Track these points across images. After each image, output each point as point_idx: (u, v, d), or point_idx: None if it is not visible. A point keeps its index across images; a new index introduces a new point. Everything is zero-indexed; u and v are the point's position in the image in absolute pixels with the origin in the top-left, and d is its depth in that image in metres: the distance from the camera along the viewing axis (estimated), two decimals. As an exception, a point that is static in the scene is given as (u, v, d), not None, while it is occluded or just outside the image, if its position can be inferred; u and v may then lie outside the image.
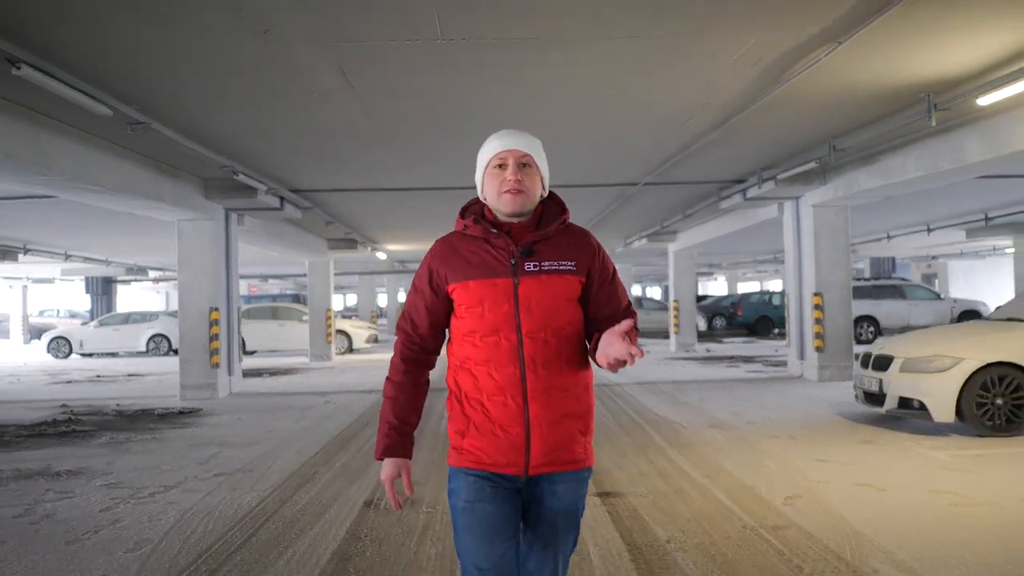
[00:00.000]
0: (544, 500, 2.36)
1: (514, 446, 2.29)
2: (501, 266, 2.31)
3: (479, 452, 2.32)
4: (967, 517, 5.10)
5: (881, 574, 4.10)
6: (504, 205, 2.34)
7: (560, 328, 2.31)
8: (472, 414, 2.33)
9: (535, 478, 2.33)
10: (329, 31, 5.46)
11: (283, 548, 4.78)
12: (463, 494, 2.33)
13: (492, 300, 2.29)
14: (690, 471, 6.57)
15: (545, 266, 2.32)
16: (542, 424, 2.28)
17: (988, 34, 5.91)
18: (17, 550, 4.84)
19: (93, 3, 4.86)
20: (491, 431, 2.30)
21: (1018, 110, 7.56)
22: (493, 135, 2.42)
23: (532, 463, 2.30)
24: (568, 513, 2.38)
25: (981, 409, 7.68)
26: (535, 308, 2.29)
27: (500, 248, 2.33)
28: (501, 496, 2.32)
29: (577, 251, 2.37)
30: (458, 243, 2.39)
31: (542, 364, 2.28)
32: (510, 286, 2.29)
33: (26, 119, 6.86)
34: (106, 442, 8.61)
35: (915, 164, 9.42)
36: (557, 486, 2.35)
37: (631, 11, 5.27)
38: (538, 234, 2.35)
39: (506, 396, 2.28)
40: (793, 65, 6.32)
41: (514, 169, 2.33)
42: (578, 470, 2.37)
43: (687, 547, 4.60)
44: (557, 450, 2.31)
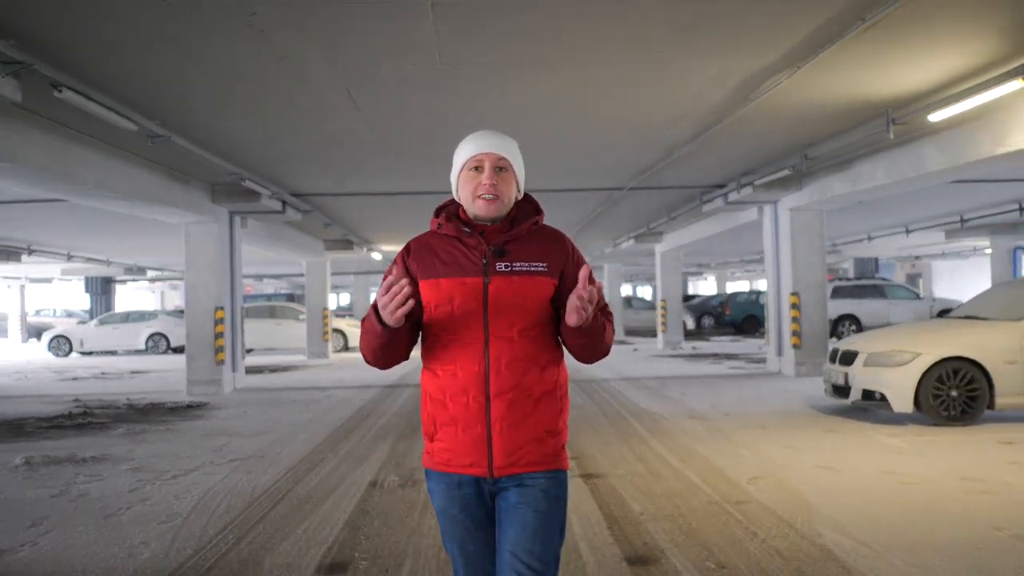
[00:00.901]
0: (511, 496, 2.32)
1: (476, 446, 2.27)
2: (472, 265, 2.30)
3: (446, 453, 2.32)
4: (909, 493, 5.73)
5: (825, 538, 4.71)
6: (478, 210, 2.34)
7: (527, 329, 2.30)
8: (437, 415, 2.33)
9: (503, 480, 2.31)
10: (340, 57, 6.05)
11: (299, 520, 5.37)
12: (436, 499, 2.38)
13: (462, 298, 2.28)
14: (666, 456, 7.19)
15: (516, 266, 2.30)
16: (503, 424, 2.27)
17: (936, 60, 6.54)
18: (61, 523, 5.41)
19: (127, 33, 5.43)
20: (454, 432, 2.30)
21: (970, 124, 8.21)
22: (470, 136, 2.40)
23: (496, 464, 2.28)
24: (541, 514, 2.29)
25: (937, 400, 8.32)
26: (504, 308, 2.28)
27: (472, 247, 2.32)
28: (472, 503, 2.33)
29: (550, 252, 2.36)
30: (432, 241, 2.39)
31: (506, 364, 2.27)
32: (480, 285, 2.28)
33: (58, 134, 7.45)
34: (123, 433, 9.18)
35: (883, 171, 10.07)
36: (526, 487, 2.30)
37: (610, 40, 5.87)
38: (510, 234, 2.35)
39: (468, 396, 2.27)
40: (759, 85, 6.95)
41: (490, 173, 2.32)
42: (548, 470, 2.32)
43: (658, 518, 5.21)
44: (521, 450, 2.29)
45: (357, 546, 4.78)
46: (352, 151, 9.67)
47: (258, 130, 8.50)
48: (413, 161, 10.34)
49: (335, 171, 11.23)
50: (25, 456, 7.65)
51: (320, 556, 4.61)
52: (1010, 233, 21.54)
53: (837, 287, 24.05)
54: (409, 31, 5.55)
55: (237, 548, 4.79)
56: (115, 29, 5.32)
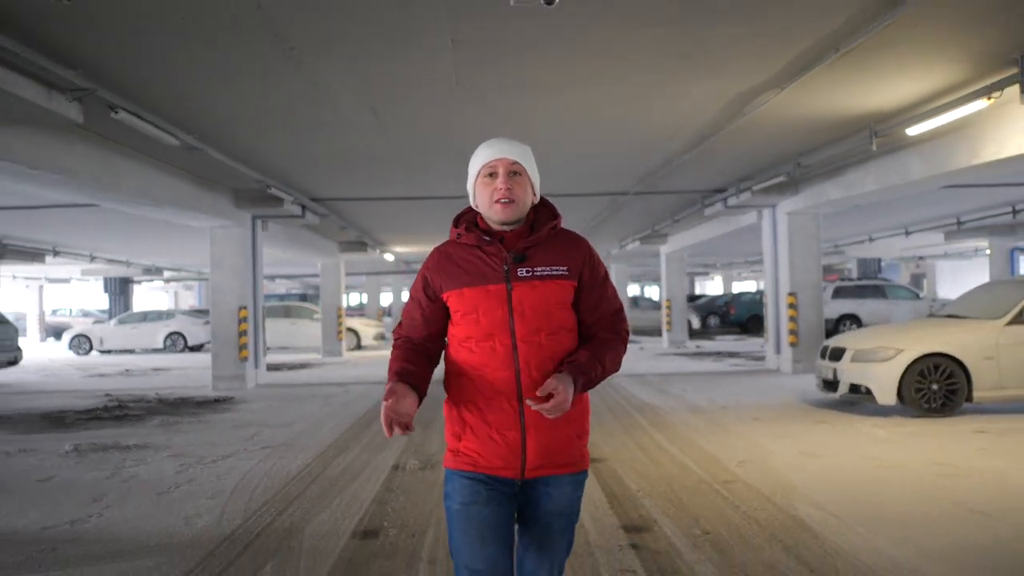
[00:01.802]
0: (539, 503, 2.38)
1: (510, 449, 2.32)
2: (494, 273, 2.34)
3: (475, 455, 2.35)
4: (883, 475, 6.33)
5: (799, 511, 5.32)
6: (495, 214, 2.37)
7: (554, 332, 2.34)
8: (468, 417, 2.36)
9: (531, 481, 2.37)
10: (367, 83, 6.70)
11: (332, 496, 6.00)
12: (458, 496, 2.36)
13: (487, 306, 2.33)
14: (664, 444, 7.80)
15: (538, 271, 2.34)
16: (538, 427, 2.31)
17: (907, 81, 7.15)
18: (120, 499, 6.06)
19: (177, 63, 6.07)
20: (487, 434, 2.33)
21: (949, 136, 8.80)
22: (483, 144, 2.45)
23: (528, 466, 2.33)
24: (563, 515, 2.41)
25: (919, 393, 8.90)
26: (528, 312, 2.32)
27: (493, 255, 2.36)
28: (496, 499, 2.35)
29: (569, 256, 2.40)
30: (452, 251, 2.43)
31: (536, 367, 2.30)
32: (503, 292, 2.32)
33: (104, 148, 8.13)
34: (159, 424, 9.84)
35: (872, 179, 10.66)
36: (552, 489, 2.38)
37: (612, 65, 6.49)
38: (530, 240, 2.38)
39: (502, 400, 2.32)
40: (749, 102, 7.56)
41: (504, 178, 2.36)
42: (574, 473, 2.40)
43: (653, 495, 5.83)
44: (553, 453, 2.34)
45: (385, 517, 5.41)
46: (370, 160, 10.32)
47: (285, 143, 9.16)
48: (427, 168, 10.99)
49: (353, 178, 11.88)
50: (73, 443, 8.33)
51: (353, 525, 5.24)
52: (1008, 234, 22.03)
53: (839, 287, 24.56)
54: (431, 61, 6.17)
55: (280, 519, 5.43)
56: (167, 59, 5.97)
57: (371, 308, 34.19)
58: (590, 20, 5.25)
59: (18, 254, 20.72)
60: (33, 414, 10.89)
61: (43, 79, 5.67)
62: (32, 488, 6.53)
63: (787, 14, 5.27)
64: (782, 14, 5.26)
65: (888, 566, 4.22)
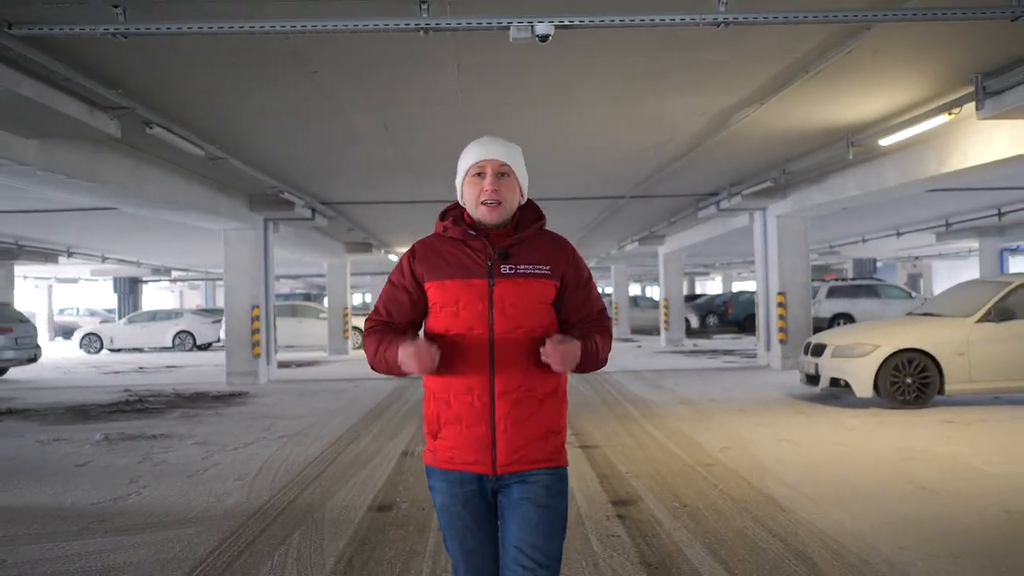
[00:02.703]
0: (513, 493, 2.36)
1: (480, 444, 2.32)
2: (477, 267, 2.35)
3: (449, 451, 2.36)
4: (852, 459, 6.92)
5: (771, 489, 5.91)
6: (482, 216, 2.39)
7: (531, 330, 2.34)
8: (441, 413, 2.37)
9: (505, 478, 2.35)
10: (379, 99, 7.31)
11: (348, 478, 6.60)
12: (438, 496, 2.41)
13: (467, 300, 2.34)
14: (653, 432, 8.40)
15: (521, 269, 2.36)
16: (507, 422, 2.31)
17: (872, 99, 7.77)
18: (154, 481, 6.66)
19: (208, 84, 6.67)
20: (458, 430, 2.34)
21: (920, 147, 9.41)
22: (473, 142, 2.47)
23: (499, 461, 2.33)
24: (540, 507, 2.35)
25: (894, 386, 9.49)
26: (509, 309, 2.33)
27: (477, 250, 2.37)
28: (474, 499, 2.37)
29: (552, 257, 2.42)
30: (437, 244, 2.44)
31: (511, 364, 2.31)
32: (485, 287, 2.33)
33: (133, 158, 8.74)
34: (179, 416, 10.44)
35: (853, 184, 11.26)
36: (528, 484, 2.36)
37: (604, 84, 7.08)
38: (515, 238, 2.40)
39: (472, 395, 2.32)
40: (731, 117, 8.16)
41: (492, 179, 2.37)
42: (549, 467, 2.38)
43: (640, 476, 6.42)
44: (524, 448, 2.34)
45: (397, 494, 6.01)
46: (379, 167, 10.92)
47: (301, 152, 9.76)
48: (430, 175, 11.59)
49: (362, 183, 12.48)
50: (103, 433, 8.93)
51: (369, 501, 5.84)
52: (997, 235, 22.60)
53: (833, 287, 25.11)
54: (438, 83, 6.78)
55: (302, 496, 6.03)
56: (201, 82, 6.59)
57: (375, 307, 34.79)
58: (580, 50, 5.83)
59: (33, 255, 21.35)
60: (58, 408, 11.49)
61: (87, 98, 6.27)
62: (72, 472, 7.13)
63: (758, 42, 5.86)
64: (753, 43, 5.85)
65: (842, 533, 4.80)
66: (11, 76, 5.24)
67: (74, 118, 6.11)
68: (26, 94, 5.40)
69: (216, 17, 4.73)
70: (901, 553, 4.42)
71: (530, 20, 4.64)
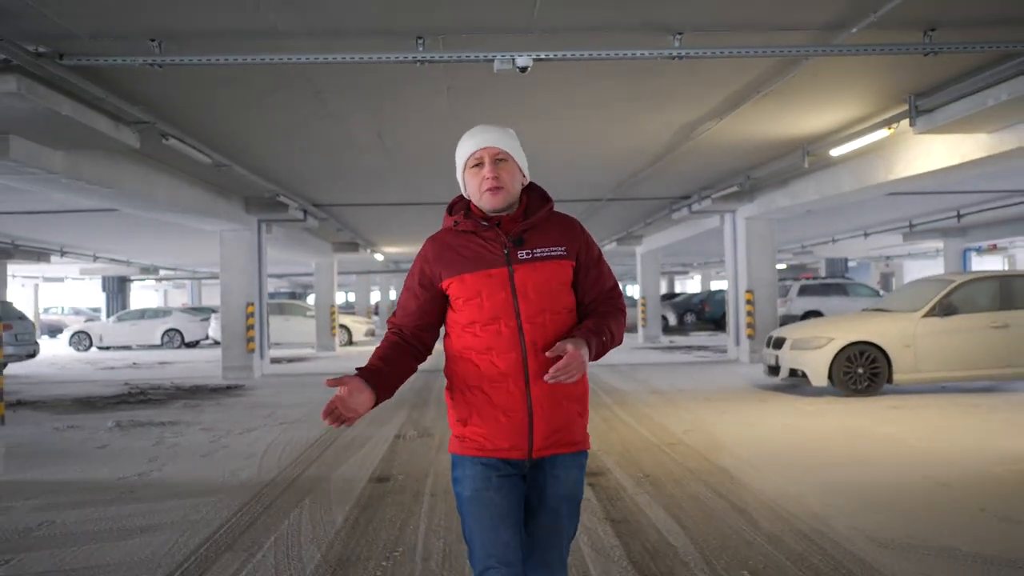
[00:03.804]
0: (547, 487, 2.40)
1: (518, 430, 2.33)
2: (494, 257, 2.35)
3: (482, 439, 2.36)
4: (800, 438, 7.72)
5: (725, 461, 6.70)
6: (486, 203, 2.40)
7: (557, 312, 2.37)
8: (474, 401, 2.37)
9: (538, 462, 2.39)
10: (376, 113, 8.04)
11: (347, 456, 7.33)
12: (468, 483, 2.38)
13: (489, 290, 2.34)
14: (624, 417, 9.18)
15: (537, 252, 2.37)
16: (544, 407, 2.33)
17: (827, 112, 8.58)
18: (171, 460, 7.36)
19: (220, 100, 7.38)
20: (494, 417, 2.34)
21: (870, 156, 10.26)
22: (467, 133, 2.50)
23: (536, 446, 2.35)
24: (569, 499, 2.43)
25: (847, 376, 10.32)
26: (532, 294, 2.34)
27: (491, 240, 2.38)
28: (506, 485, 2.36)
29: (565, 237, 2.43)
30: (449, 239, 2.44)
31: (542, 348, 2.32)
32: (505, 275, 2.34)
33: (144, 164, 9.43)
34: (182, 406, 11.11)
35: (813, 189, 12.11)
36: (559, 471, 2.40)
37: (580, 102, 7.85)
38: (527, 223, 2.40)
39: (508, 382, 2.32)
40: (695, 130, 8.96)
41: (491, 167, 2.39)
42: (577, 452, 2.43)
43: (610, 453, 7.19)
44: (558, 431, 2.37)
45: (393, 469, 6.75)
46: (371, 172, 11.64)
47: (299, 159, 10.48)
48: (419, 179, 12.33)
49: (354, 186, 13.20)
50: (115, 421, 9.60)
51: (368, 474, 6.57)
52: (960, 236, 23.57)
53: (804, 286, 26.06)
54: (430, 100, 7.53)
55: (308, 471, 6.75)
56: (216, 100, 7.30)
57: (361, 306, 35.45)
58: (557, 75, 6.58)
59: (27, 254, 21.86)
60: (65, 400, 12.12)
61: (113, 114, 6.96)
62: (94, 453, 7.81)
63: (711, 70, 6.65)
64: (708, 70, 6.63)
65: (780, 495, 5.58)
66: (53, 97, 5.92)
67: (102, 132, 6.79)
68: (65, 113, 6.10)
69: (241, 50, 5.45)
70: (827, 509, 5.21)
71: (512, 54, 5.39)
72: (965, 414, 8.89)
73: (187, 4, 4.98)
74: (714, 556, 4.36)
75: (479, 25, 5.43)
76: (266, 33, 5.41)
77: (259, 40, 5.52)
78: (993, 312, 10.47)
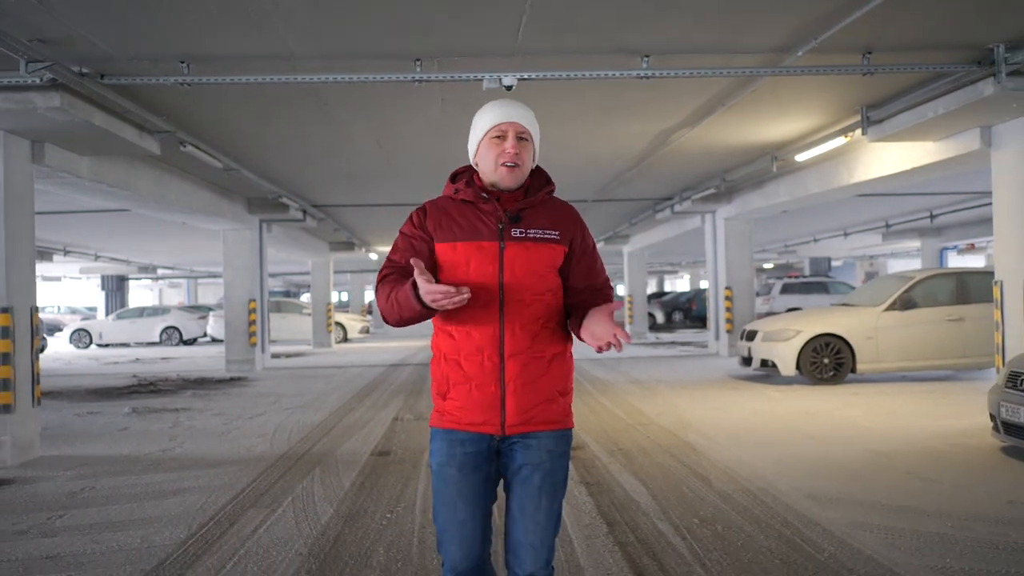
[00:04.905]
0: (518, 456, 2.39)
1: (490, 404, 2.34)
2: (488, 230, 2.37)
3: (458, 411, 2.38)
4: (764, 420, 8.47)
5: (691, 438, 7.44)
6: (500, 178, 2.39)
7: (541, 294, 2.37)
8: (451, 374, 2.39)
9: (512, 438, 2.38)
10: (375, 122, 8.77)
11: (351, 435, 8.05)
12: (435, 456, 2.42)
13: (478, 262, 2.35)
14: (605, 403, 9.92)
15: (531, 233, 2.37)
16: (518, 382, 2.34)
17: (789, 122, 9.34)
18: (189, 440, 8.06)
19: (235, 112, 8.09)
20: (467, 390, 2.36)
21: (834, 160, 11.05)
22: (493, 103, 2.48)
23: (508, 422, 2.35)
24: (546, 474, 2.39)
25: (813, 366, 11.09)
26: (519, 271, 2.34)
27: (488, 213, 2.38)
28: (470, 462, 2.38)
29: (561, 222, 2.44)
30: (447, 206, 2.44)
31: (520, 326, 2.34)
32: (496, 249, 2.34)
33: (158, 168, 10.14)
34: (192, 395, 11.81)
35: (784, 191, 12.89)
36: (531, 440, 2.38)
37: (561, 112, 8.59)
38: (526, 202, 2.41)
39: (483, 355, 2.34)
40: (669, 137, 9.71)
41: (513, 142, 2.38)
42: (555, 430, 2.41)
43: (589, 431, 7.93)
44: (533, 409, 2.36)
45: (393, 445, 7.48)
46: (369, 175, 12.37)
47: (302, 163, 11.20)
48: (415, 180, 13.05)
49: (352, 188, 13.92)
50: (131, 407, 10.31)
51: (370, 449, 7.30)
52: (936, 235, 24.43)
53: (786, 284, 26.89)
54: (425, 110, 8.26)
55: (315, 447, 7.47)
56: (232, 112, 8.02)
57: (355, 304, 36.18)
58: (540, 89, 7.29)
59: (32, 253, 22.41)
60: (79, 390, 12.80)
61: (138, 124, 7.67)
62: (116, 434, 8.51)
63: (677, 86, 7.38)
64: (674, 86, 7.37)
65: (737, 464, 6.32)
66: (88, 110, 6.63)
67: (128, 140, 7.50)
68: (97, 123, 6.80)
69: (261, 71, 6.19)
70: (775, 475, 5.96)
71: (499, 74, 6.13)
72: (919, 399, 9.66)
73: (215, 31, 5.69)
74: (670, 508, 5.11)
75: (470, 49, 6.17)
76: (282, 56, 6.13)
77: (276, 62, 6.24)
78: (950, 306, 11.25)
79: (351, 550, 4.40)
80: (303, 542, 4.57)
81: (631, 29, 5.89)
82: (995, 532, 4.48)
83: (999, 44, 6.26)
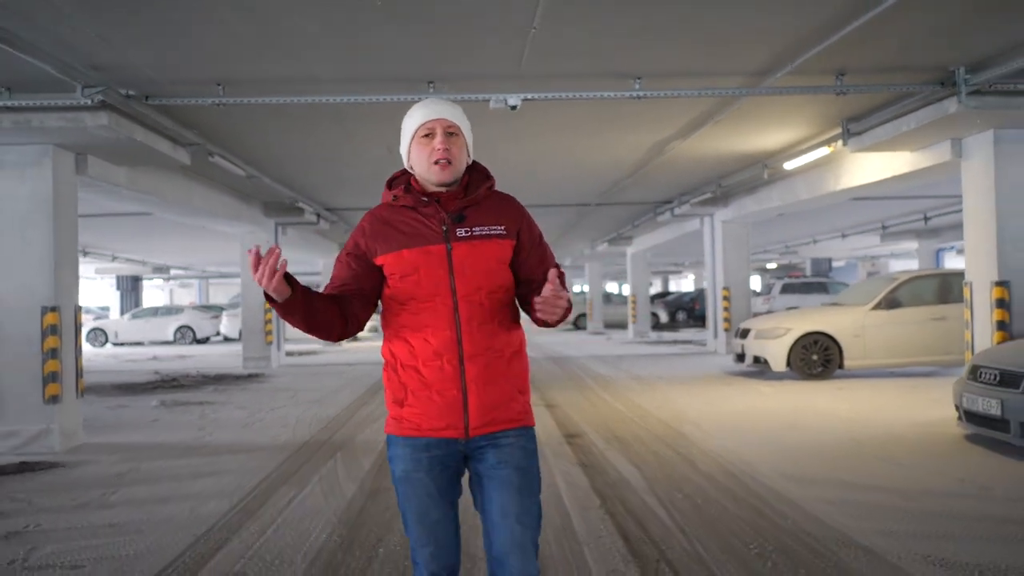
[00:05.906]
0: (488, 456, 2.36)
1: (451, 408, 2.31)
2: (433, 233, 2.34)
3: (418, 418, 2.34)
4: (753, 412, 9.07)
5: (684, 428, 8.04)
6: (434, 175, 2.36)
7: (493, 291, 2.36)
8: (409, 381, 2.35)
9: (477, 440, 2.35)
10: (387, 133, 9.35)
11: (366, 426, 8.68)
12: (399, 463, 2.38)
13: (427, 267, 2.32)
14: (605, 397, 10.54)
15: (476, 231, 2.36)
16: (478, 384, 2.32)
17: (776, 133, 9.95)
18: (217, 429, 8.70)
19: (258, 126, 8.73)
20: (427, 396, 2.32)
21: (821, 168, 11.65)
22: (418, 104, 2.46)
23: (471, 424, 2.33)
24: (517, 468, 2.37)
25: (803, 362, 11.68)
26: (469, 272, 2.33)
27: (430, 216, 2.36)
28: (438, 466, 2.35)
29: (505, 216, 2.43)
30: (388, 215, 2.41)
31: (477, 326, 2.32)
32: (443, 252, 2.32)
33: (183, 176, 10.79)
34: (213, 390, 12.46)
35: (776, 196, 13.49)
36: (500, 440, 2.37)
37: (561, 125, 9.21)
38: (467, 200, 2.39)
39: (442, 360, 2.31)
40: (664, 147, 10.33)
41: (442, 139, 2.35)
42: (518, 427, 2.40)
43: (588, 422, 8.55)
44: (495, 409, 2.35)
45: (407, 434, 8.10)
46: (379, 178, 12.95)
47: (318, 170, 11.85)
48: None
49: (362, 191, 14.56)
50: (159, 400, 10.96)
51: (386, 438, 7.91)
52: (933, 237, 24.97)
53: (786, 284, 27.47)
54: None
55: (335, 436, 8.10)
56: (257, 126, 8.67)
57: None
58: (543, 107, 7.91)
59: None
60: (105, 385, 13.46)
61: (172, 138, 8.32)
62: (148, 425, 9.16)
63: (668, 104, 8.01)
64: (665, 105, 8.00)
65: (724, 451, 6.92)
66: (131, 127, 7.27)
67: (162, 152, 8.14)
68: (139, 139, 7.45)
69: (287, 93, 6.86)
70: (757, 458, 6.56)
71: (504, 96, 6.76)
72: (901, 394, 10.25)
73: (250, 58, 6.33)
74: (657, 485, 5.72)
75: (478, 73, 6.80)
76: (308, 79, 6.78)
77: (302, 84, 6.88)
78: (933, 306, 11.82)
79: (375, 519, 5.03)
80: (332, 512, 5.20)
81: (624, 55, 6.51)
82: (940, 503, 5.09)
83: (960, 66, 6.88)
